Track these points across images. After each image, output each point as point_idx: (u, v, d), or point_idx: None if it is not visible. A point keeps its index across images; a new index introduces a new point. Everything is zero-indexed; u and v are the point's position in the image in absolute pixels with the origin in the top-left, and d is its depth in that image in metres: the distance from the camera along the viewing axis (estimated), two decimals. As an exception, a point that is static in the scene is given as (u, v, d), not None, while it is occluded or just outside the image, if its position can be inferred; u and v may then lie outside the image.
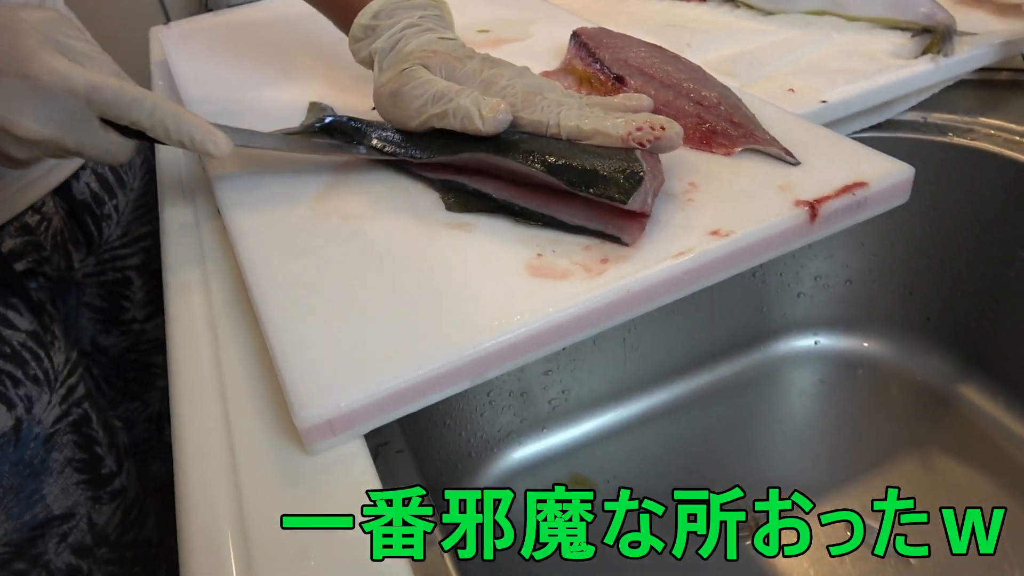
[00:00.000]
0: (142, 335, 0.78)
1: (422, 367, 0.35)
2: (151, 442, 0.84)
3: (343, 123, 0.55)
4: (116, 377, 0.78)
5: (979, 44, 0.60)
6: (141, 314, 0.77)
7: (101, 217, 0.70)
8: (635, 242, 0.40)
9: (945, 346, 0.67)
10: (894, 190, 0.44)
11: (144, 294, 0.77)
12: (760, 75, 0.59)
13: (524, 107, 0.44)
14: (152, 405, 0.82)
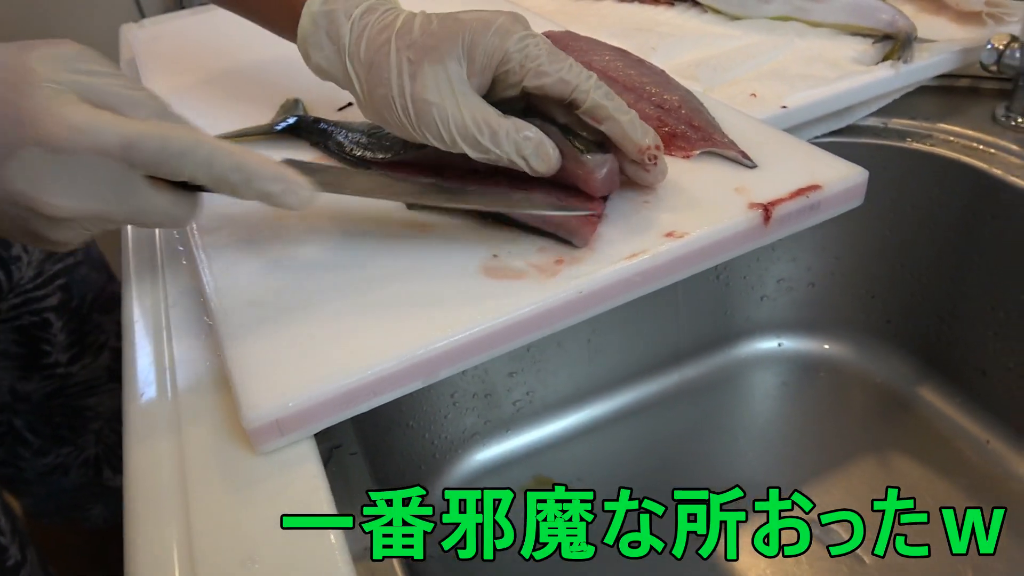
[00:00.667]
0: (68, 379, 0.74)
1: (372, 366, 0.35)
2: (89, 487, 0.81)
3: (309, 123, 0.55)
4: (42, 424, 0.75)
5: (939, 51, 0.61)
6: (64, 357, 0.73)
7: (9, 260, 0.66)
8: (586, 244, 0.40)
9: (905, 349, 0.68)
10: (848, 193, 0.44)
11: (66, 335, 0.73)
12: (724, 80, 0.60)
13: (550, 61, 0.39)
14: (88, 449, 0.79)
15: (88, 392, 0.77)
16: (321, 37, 0.42)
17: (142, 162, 0.33)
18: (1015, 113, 0.58)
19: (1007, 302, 0.58)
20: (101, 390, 0.79)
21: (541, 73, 0.39)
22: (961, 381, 0.64)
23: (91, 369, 0.78)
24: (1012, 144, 0.56)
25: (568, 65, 0.40)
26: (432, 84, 0.39)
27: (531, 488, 0.64)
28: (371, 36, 0.41)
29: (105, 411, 0.80)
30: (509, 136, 0.39)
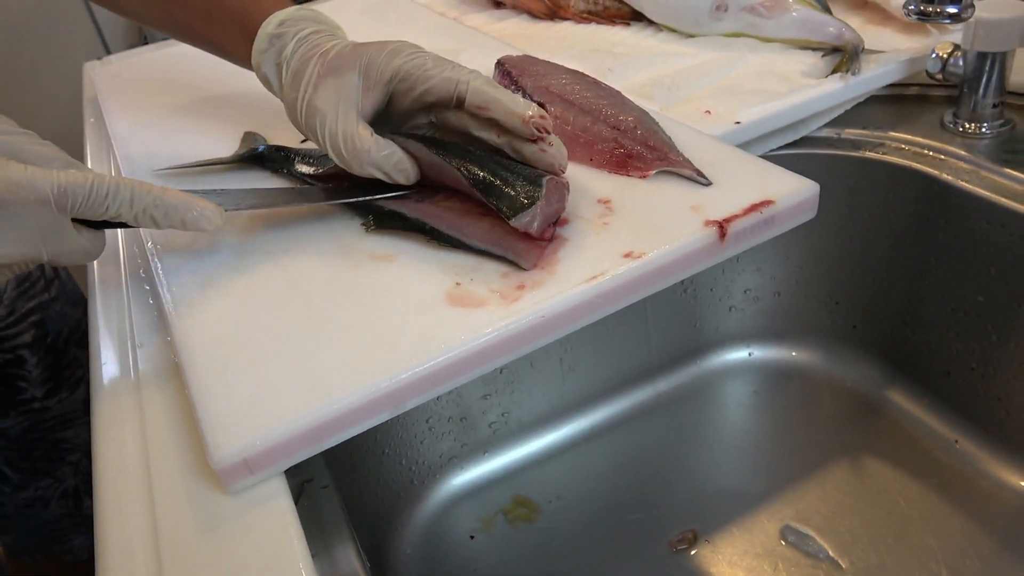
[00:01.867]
0: (44, 413, 0.75)
1: (338, 401, 0.36)
2: (70, 518, 0.81)
3: (272, 151, 0.56)
4: (21, 459, 0.75)
5: (886, 62, 0.62)
6: (40, 391, 0.74)
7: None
8: (533, 267, 0.41)
9: (871, 353, 0.69)
10: (801, 206, 0.46)
11: (41, 371, 0.74)
12: (678, 98, 0.61)
13: (435, 65, 0.44)
14: (66, 480, 0.80)
15: (65, 425, 0.77)
16: (271, 53, 0.49)
17: (74, 206, 0.38)
18: (962, 119, 0.60)
19: (965, 303, 0.60)
20: (78, 423, 0.80)
21: (428, 77, 0.44)
22: (927, 383, 0.65)
23: (67, 403, 0.78)
24: (960, 149, 0.58)
25: (451, 66, 0.45)
26: (325, 94, 0.45)
27: (512, 509, 0.64)
28: (303, 52, 0.48)
29: (82, 443, 0.81)
30: (370, 153, 0.44)
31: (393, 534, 0.62)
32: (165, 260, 0.47)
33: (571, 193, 0.47)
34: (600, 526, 0.62)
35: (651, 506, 0.63)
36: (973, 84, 0.58)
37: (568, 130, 0.52)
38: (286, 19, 0.49)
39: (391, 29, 0.83)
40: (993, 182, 0.55)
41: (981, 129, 0.59)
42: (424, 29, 0.81)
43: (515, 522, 0.63)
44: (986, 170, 0.56)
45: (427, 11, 0.87)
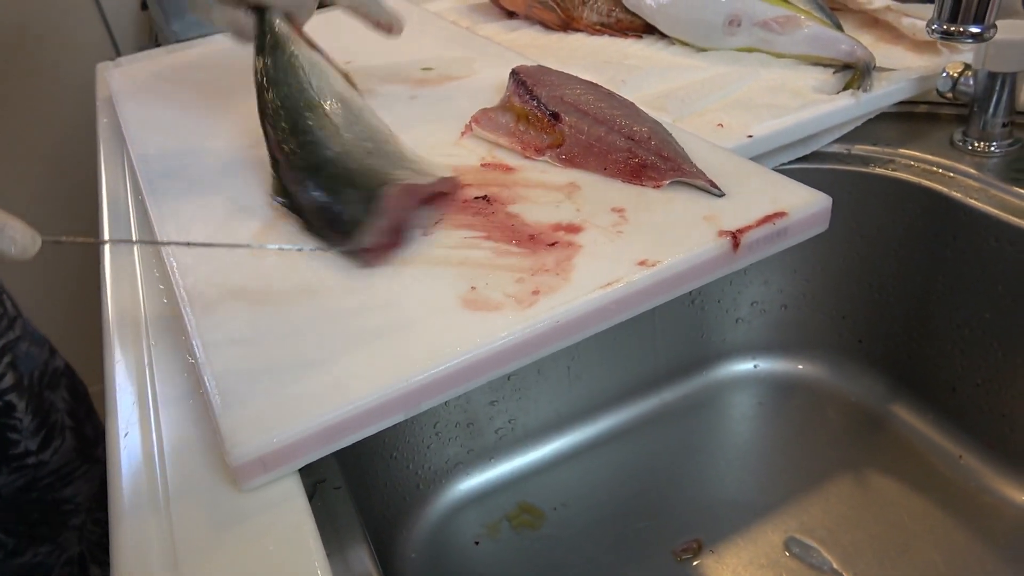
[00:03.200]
0: (40, 468, 0.69)
1: (354, 401, 0.36)
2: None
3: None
4: (15, 521, 0.69)
5: (897, 79, 0.63)
6: (34, 444, 0.68)
7: None
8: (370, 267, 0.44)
9: (877, 368, 0.69)
10: (813, 219, 0.46)
11: (31, 419, 0.68)
12: (691, 111, 0.61)
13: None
14: (70, 548, 0.73)
15: (63, 482, 0.72)
16: None
17: None
18: (971, 137, 0.60)
19: (971, 320, 0.60)
20: (75, 476, 0.74)
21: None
22: (932, 398, 0.66)
23: (63, 453, 0.73)
24: (969, 168, 0.59)
25: None
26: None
27: (514, 516, 0.64)
28: None
29: (84, 500, 0.75)
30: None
31: (398, 538, 0.62)
32: (180, 258, 0.48)
33: (586, 201, 0.48)
34: (604, 534, 0.62)
35: (656, 515, 0.63)
36: (983, 103, 0.59)
37: (583, 139, 0.53)
38: None
39: (404, 38, 0.84)
40: (1002, 200, 0.56)
41: (990, 148, 0.60)
42: (437, 38, 0.82)
43: (519, 528, 0.64)
44: (995, 188, 0.57)
45: (440, 19, 0.88)
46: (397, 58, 0.77)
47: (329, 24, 0.92)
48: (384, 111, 0.65)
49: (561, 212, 0.47)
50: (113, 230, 0.59)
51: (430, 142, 0.59)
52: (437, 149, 0.57)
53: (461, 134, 0.59)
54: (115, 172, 0.69)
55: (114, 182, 0.67)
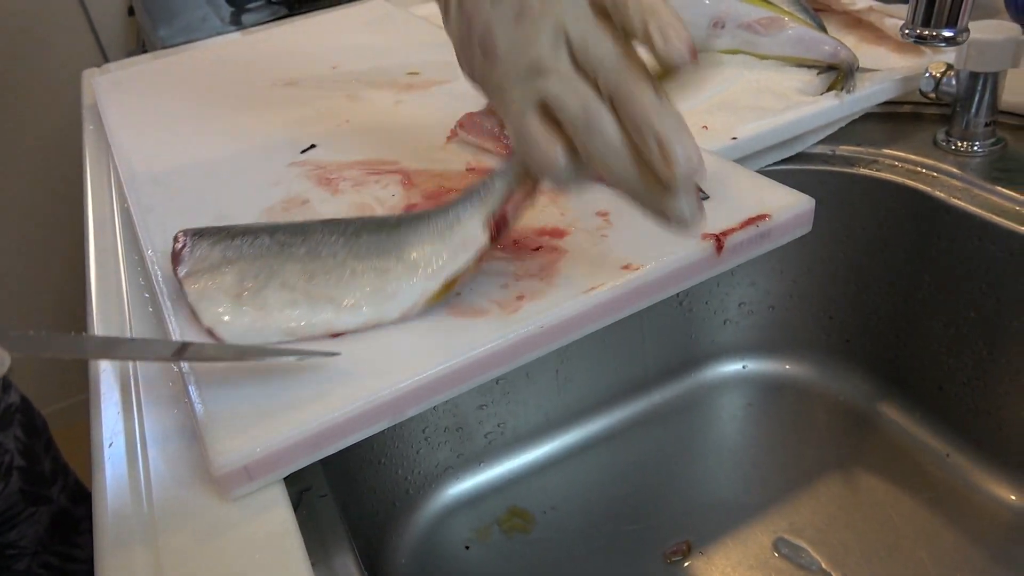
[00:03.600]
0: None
1: (339, 409, 0.36)
2: None
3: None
4: None
5: (880, 80, 0.63)
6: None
7: None
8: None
9: (864, 367, 0.70)
10: (796, 221, 0.46)
11: None
12: (676, 113, 0.61)
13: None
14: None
15: (7, 526, 0.69)
16: None
17: None
18: (954, 137, 0.61)
19: (957, 319, 0.60)
20: (20, 519, 0.72)
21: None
22: (920, 397, 0.66)
23: (5, 497, 0.70)
24: (952, 167, 0.59)
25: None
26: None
27: (505, 520, 0.64)
28: None
29: (29, 544, 0.73)
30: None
31: (388, 544, 0.62)
32: (164, 266, 0.47)
33: (570, 205, 0.48)
34: (595, 537, 0.62)
35: (646, 517, 0.63)
36: (965, 103, 0.59)
37: (567, 143, 0.53)
38: None
39: (390, 42, 0.84)
40: (985, 199, 0.56)
41: (973, 147, 0.60)
42: (423, 42, 0.82)
43: (510, 532, 0.64)
44: (978, 188, 0.57)
45: (426, 23, 0.88)
46: (383, 62, 0.78)
47: (312, 29, 0.92)
48: (368, 116, 0.66)
49: (545, 216, 0.47)
50: (98, 240, 0.59)
51: (415, 147, 0.59)
52: (423, 154, 0.57)
53: (447, 139, 0.59)
54: (100, 181, 0.68)
55: (99, 191, 0.67)
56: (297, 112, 0.68)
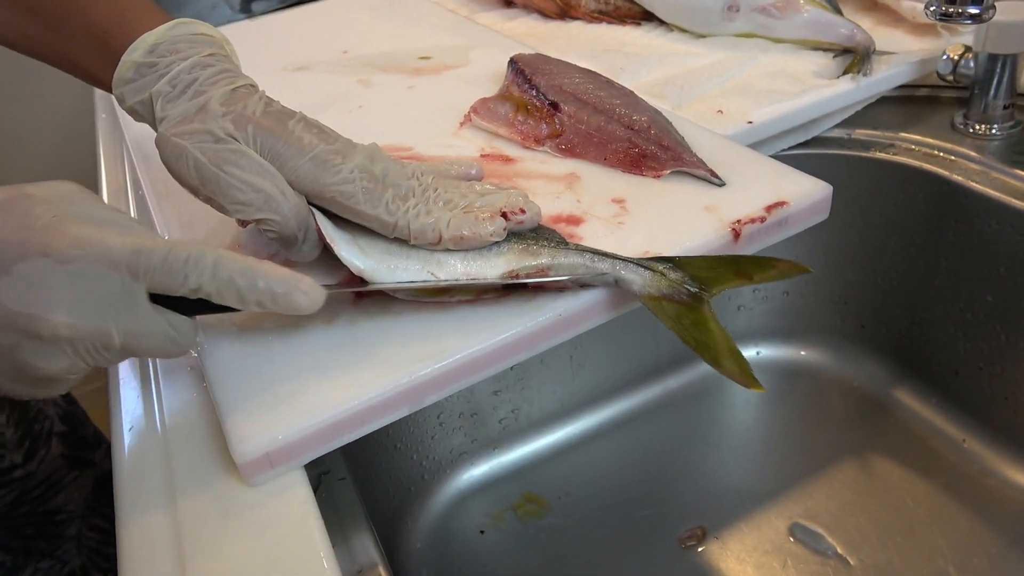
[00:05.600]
0: (28, 481, 0.67)
1: (359, 396, 0.36)
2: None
3: None
4: (9, 537, 0.67)
5: (897, 63, 0.63)
6: (19, 456, 0.66)
7: None
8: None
9: (880, 353, 0.69)
10: (814, 208, 0.46)
11: (14, 430, 0.65)
12: (690, 97, 0.61)
13: (366, 199, 0.39)
14: (70, 561, 0.71)
15: (52, 491, 0.70)
16: (138, 85, 0.41)
17: (148, 271, 0.32)
18: (972, 120, 0.60)
19: (974, 304, 0.60)
20: (64, 483, 0.72)
21: (358, 213, 0.39)
22: (935, 382, 0.66)
23: (48, 462, 0.70)
24: (970, 151, 0.58)
25: (383, 200, 0.39)
26: (232, 157, 0.38)
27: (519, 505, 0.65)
28: (198, 86, 0.40)
29: (76, 508, 0.73)
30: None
31: (403, 528, 0.63)
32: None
33: (587, 192, 0.48)
34: (609, 522, 0.63)
35: (660, 503, 0.63)
36: (984, 86, 0.58)
37: (582, 129, 0.53)
38: (159, 43, 0.41)
39: (401, 26, 0.83)
40: (1003, 183, 0.56)
41: (991, 130, 0.59)
42: (435, 26, 0.82)
43: (524, 518, 0.64)
44: (996, 171, 0.57)
45: (438, 7, 0.88)
46: (394, 47, 0.77)
47: (322, 14, 0.92)
48: (381, 101, 0.65)
49: (561, 203, 0.47)
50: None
51: (429, 132, 0.58)
52: (436, 140, 0.57)
53: (460, 124, 0.59)
54: (114, 168, 0.69)
55: (114, 178, 0.67)
56: (309, 97, 0.68)
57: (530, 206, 0.41)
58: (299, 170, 0.39)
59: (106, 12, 0.43)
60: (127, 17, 0.42)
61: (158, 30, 0.41)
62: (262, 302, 0.34)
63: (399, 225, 0.39)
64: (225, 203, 0.38)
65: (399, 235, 0.39)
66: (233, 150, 0.38)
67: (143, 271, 0.32)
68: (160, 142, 0.40)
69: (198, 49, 0.41)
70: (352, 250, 0.39)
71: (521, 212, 0.41)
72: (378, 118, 0.62)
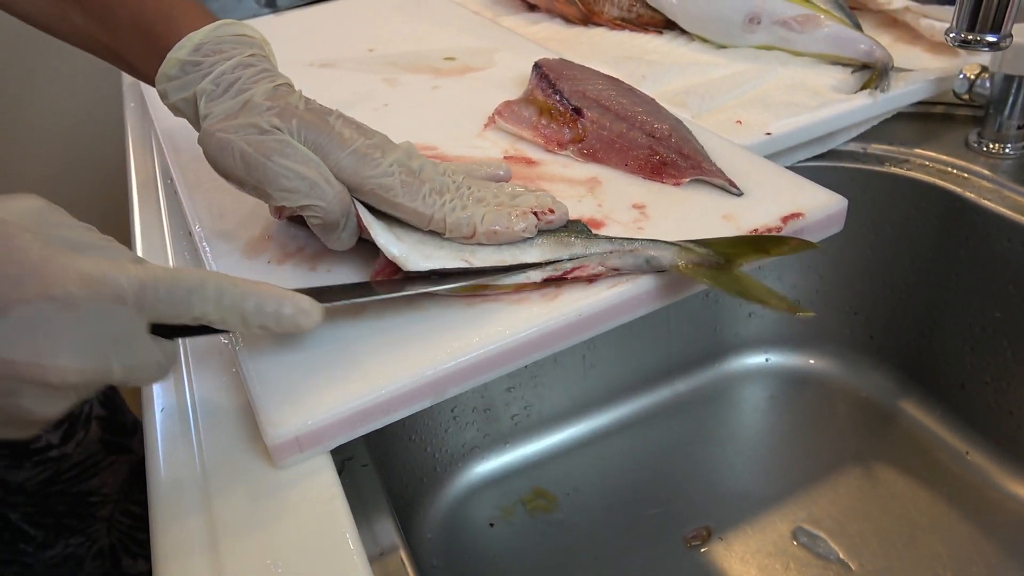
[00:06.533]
0: (64, 461, 0.68)
1: (385, 387, 0.38)
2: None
3: None
4: (42, 514, 0.68)
5: (914, 80, 0.64)
6: (56, 436, 0.66)
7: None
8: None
9: (887, 363, 0.71)
10: (829, 220, 0.47)
11: None
12: (711, 107, 0.62)
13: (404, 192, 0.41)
14: (100, 539, 0.73)
15: (88, 473, 0.71)
16: (181, 82, 0.43)
17: (154, 303, 0.32)
18: (986, 139, 0.61)
19: (982, 319, 0.61)
20: (101, 467, 0.73)
21: (396, 205, 0.41)
22: (941, 394, 0.67)
23: (86, 445, 0.71)
24: (984, 169, 0.60)
25: (422, 193, 0.41)
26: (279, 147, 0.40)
27: (529, 500, 0.66)
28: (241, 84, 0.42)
29: (111, 492, 0.74)
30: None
31: (415, 518, 0.64)
32: (215, 245, 0.49)
33: (607, 197, 0.50)
34: (616, 519, 0.64)
35: (667, 502, 0.65)
36: (999, 105, 0.60)
37: (605, 135, 0.54)
38: (204, 43, 0.43)
39: (426, 26, 0.85)
40: (1015, 202, 0.57)
41: (1005, 149, 0.60)
42: (460, 27, 0.83)
43: (533, 512, 0.65)
44: (1008, 189, 0.58)
45: (463, 9, 0.89)
46: (420, 46, 0.79)
47: (348, 11, 0.94)
48: (407, 100, 0.67)
49: (583, 207, 0.49)
50: (143, 216, 0.61)
51: (454, 133, 0.60)
52: (461, 140, 0.59)
53: (484, 126, 0.61)
54: (144, 157, 0.70)
55: (143, 168, 0.68)
56: (336, 95, 0.69)
57: (558, 206, 0.43)
58: (340, 163, 0.40)
59: (153, 7, 0.44)
60: (174, 14, 0.44)
61: (204, 30, 0.43)
62: (265, 325, 0.35)
63: (435, 218, 0.41)
64: (272, 191, 0.40)
65: (434, 227, 0.41)
66: (279, 140, 0.40)
67: (149, 304, 0.32)
68: (204, 138, 0.41)
69: (241, 50, 0.43)
70: (389, 237, 0.41)
71: (550, 212, 0.42)
72: (403, 117, 0.64)
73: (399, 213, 0.41)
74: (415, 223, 0.41)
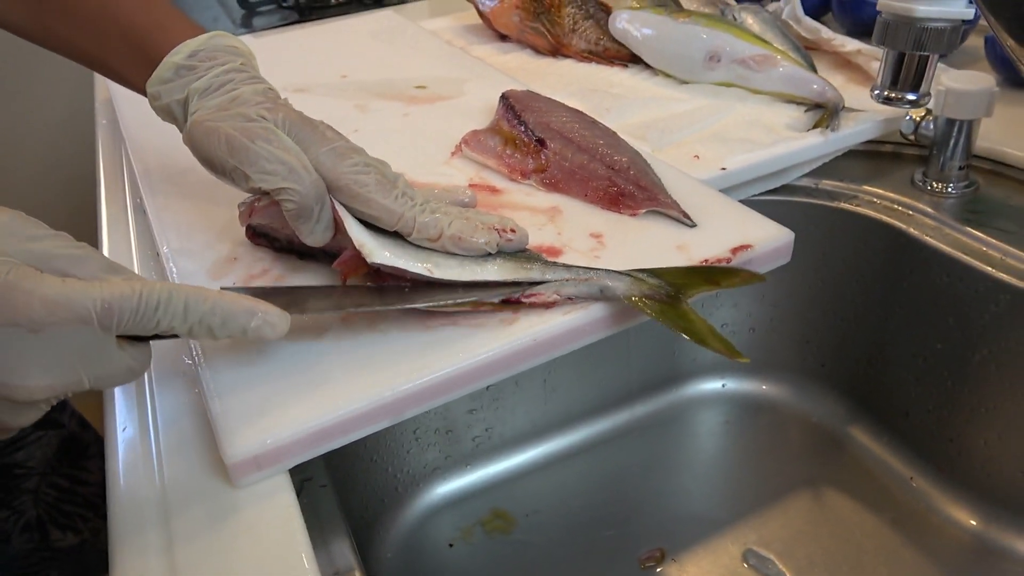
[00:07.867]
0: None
1: (344, 407, 0.39)
2: (37, 553, 0.74)
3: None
4: None
5: (864, 120, 0.67)
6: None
7: None
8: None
9: (838, 391, 0.73)
10: (776, 252, 0.49)
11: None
12: (670, 141, 0.65)
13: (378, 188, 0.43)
14: (27, 511, 0.72)
15: (12, 446, 0.71)
16: (176, 85, 0.45)
17: (119, 322, 0.33)
18: (931, 178, 0.64)
19: (925, 350, 0.64)
20: (27, 441, 0.73)
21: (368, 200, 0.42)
22: (887, 422, 0.69)
23: None
24: (927, 207, 0.63)
25: (394, 192, 0.43)
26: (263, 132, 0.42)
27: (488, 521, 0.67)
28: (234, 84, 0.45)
29: (37, 464, 0.74)
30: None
31: (375, 538, 0.65)
32: (182, 265, 0.50)
33: (567, 225, 0.51)
34: (573, 541, 0.65)
35: (623, 524, 0.66)
36: (942, 147, 0.63)
37: (566, 166, 0.56)
38: (199, 50, 0.46)
39: (399, 55, 0.87)
40: (955, 239, 0.60)
41: (947, 189, 0.63)
42: (431, 56, 0.85)
43: (492, 533, 0.66)
44: (949, 227, 0.61)
45: (435, 38, 0.91)
46: (392, 74, 0.80)
47: (322, 36, 0.95)
48: (377, 126, 0.68)
49: (543, 235, 0.50)
50: (112, 236, 0.61)
51: (421, 160, 0.61)
52: (428, 167, 0.60)
53: (451, 154, 0.62)
54: (114, 176, 0.71)
55: (113, 187, 0.69)
56: (308, 120, 0.71)
57: (520, 228, 0.45)
58: (320, 157, 0.43)
59: (143, 19, 0.47)
60: (166, 25, 0.47)
61: (199, 38, 0.46)
62: (233, 335, 0.36)
63: (405, 216, 0.42)
64: (251, 172, 0.42)
65: (403, 226, 0.43)
66: (264, 127, 0.43)
67: (115, 324, 0.33)
68: (192, 127, 0.44)
69: (233, 59, 0.46)
70: (360, 228, 0.43)
71: (512, 232, 0.45)
72: (374, 143, 0.64)
73: (371, 209, 0.43)
74: (385, 220, 0.43)
